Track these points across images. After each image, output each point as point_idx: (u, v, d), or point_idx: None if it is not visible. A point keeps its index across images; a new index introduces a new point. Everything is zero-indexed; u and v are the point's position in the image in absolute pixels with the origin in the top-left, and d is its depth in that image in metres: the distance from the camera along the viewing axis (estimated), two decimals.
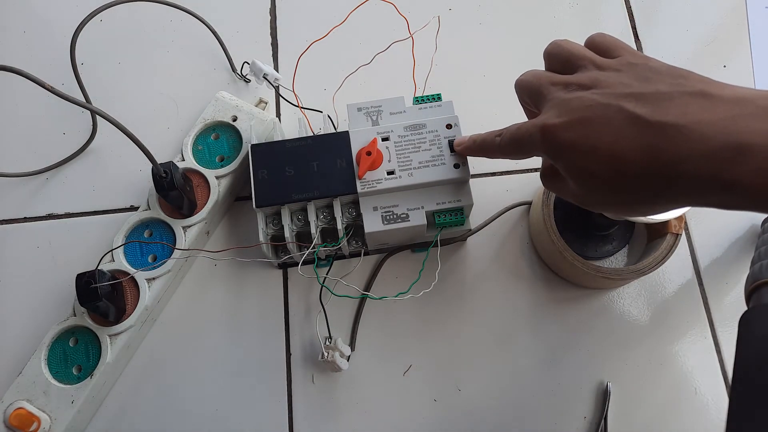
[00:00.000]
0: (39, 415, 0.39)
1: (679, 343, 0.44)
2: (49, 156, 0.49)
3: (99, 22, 0.48)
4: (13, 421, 0.38)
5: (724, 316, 0.45)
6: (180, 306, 0.45)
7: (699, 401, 0.43)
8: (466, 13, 0.54)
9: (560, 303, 0.45)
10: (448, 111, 0.42)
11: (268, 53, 0.53)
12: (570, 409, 0.43)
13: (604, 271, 0.41)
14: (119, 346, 0.41)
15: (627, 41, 0.53)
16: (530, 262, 0.46)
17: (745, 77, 0.52)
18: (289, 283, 0.46)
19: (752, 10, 0.54)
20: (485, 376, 0.43)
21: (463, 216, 0.40)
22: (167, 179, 0.40)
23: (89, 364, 0.41)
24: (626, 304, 0.45)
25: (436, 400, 0.43)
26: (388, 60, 0.46)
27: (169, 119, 0.51)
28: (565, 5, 0.55)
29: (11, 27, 0.55)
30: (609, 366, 0.44)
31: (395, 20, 0.46)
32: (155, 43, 0.54)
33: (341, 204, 0.41)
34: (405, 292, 0.43)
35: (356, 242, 0.43)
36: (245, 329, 0.45)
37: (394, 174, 0.40)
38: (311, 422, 0.43)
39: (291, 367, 0.44)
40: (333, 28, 0.45)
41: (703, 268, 0.46)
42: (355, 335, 0.44)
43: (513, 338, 0.44)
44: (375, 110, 0.42)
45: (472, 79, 0.52)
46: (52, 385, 0.40)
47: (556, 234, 0.42)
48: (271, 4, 0.55)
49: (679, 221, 0.42)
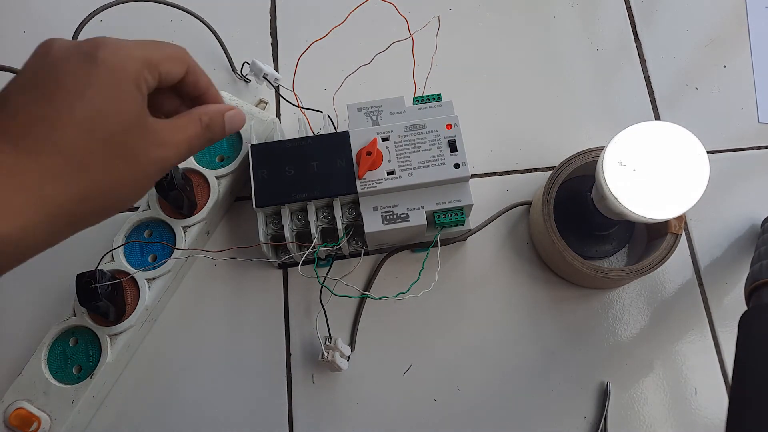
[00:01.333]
0: (39, 415, 0.39)
1: (679, 343, 0.44)
2: None
3: (99, 22, 0.48)
4: (13, 421, 0.38)
5: (724, 316, 0.45)
6: (180, 306, 0.45)
7: (699, 401, 0.43)
8: (466, 13, 0.54)
9: (560, 303, 0.45)
10: (448, 111, 0.42)
11: (268, 53, 0.53)
12: (570, 409, 0.43)
13: (604, 271, 0.41)
14: (119, 346, 0.41)
15: (627, 41, 0.53)
16: (530, 262, 0.46)
17: (745, 77, 0.52)
18: (289, 283, 0.46)
19: (752, 10, 0.54)
20: (485, 376, 0.43)
21: (463, 216, 0.40)
22: (167, 179, 0.40)
23: (89, 364, 0.41)
24: (626, 304, 0.45)
25: (436, 400, 0.43)
26: (388, 60, 0.46)
27: None
28: (565, 5, 0.55)
29: (11, 27, 0.55)
30: (609, 366, 0.44)
31: (395, 20, 0.46)
32: None
33: (341, 204, 0.41)
34: (405, 292, 0.43)
35: (356, 242, 0.43)
36: (245, 329, 0.45)
37: (394, 174, 0.40)
38: (311, 422, 0.43)
39: (291, 367, 0.44)
40: (333, 28, 0.45)
41: (703, 268, 0.46)
42: (355, 335, 0.44)
43: (513, 338, 0.44)
44: (375, 110, 0.42)
45: (472, 79, 0.52)
46: (52, 385, 0.40)
47: (556, 234, 0.42)
48: (271, 4, 0.55)
49: (679, 221, 0.42)
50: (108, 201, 0.26)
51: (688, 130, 0.37)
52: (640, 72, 0.52)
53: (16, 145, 0.23)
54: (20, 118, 0.24)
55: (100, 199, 0.26)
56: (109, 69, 0.25)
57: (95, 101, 0.25)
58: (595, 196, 0.40)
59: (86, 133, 0.25)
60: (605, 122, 0.50)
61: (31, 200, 0.23)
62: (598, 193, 0.38)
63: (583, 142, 0.49)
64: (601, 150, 0.39)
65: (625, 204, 0.36)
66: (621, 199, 0.36)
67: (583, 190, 0.43)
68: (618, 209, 0.37)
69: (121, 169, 0.26)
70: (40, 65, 0.26)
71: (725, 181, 0.48)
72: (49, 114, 0.24)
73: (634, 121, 0.38)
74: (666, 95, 0.51)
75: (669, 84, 0.52)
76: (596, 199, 0.40)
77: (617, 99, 0.52)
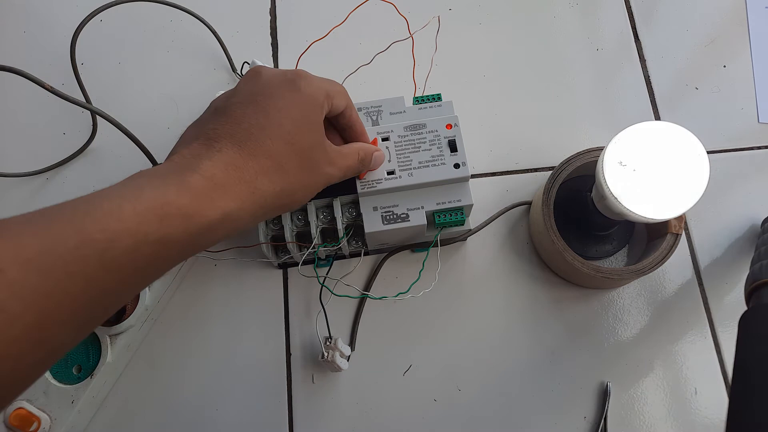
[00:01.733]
0: (39, 415, 0.39)
1: (679, 343, 0.44)
2: (49, 156, 0.49)
3: (99, 22, 0.48)
4: (13, 421, 0.38)
5: (724, 316, 0.45)
6: (180, 306, 0.45)
7: (699, 401, 0.43)
8: (466, 13, 0.54)
9: (560, 303, 0.45)
10: (448, 111, 0.42)
11: (268, 53, 0.53)
12: (570, 409, 0.43)
13: (604, 271, 0.41)
14: (119, 346, 0.41)
15: (627, 41, 0.53)
16: (530, 262, 0.46)
17: (745, 77, 0.52)
18: (289, 283, 0.46)
19: (752, 10, 0.54)
20: (485, 375, 0.43)
21: (463, 216, 0.40)
22: None
23: (89, 364, 0.41)
24: (626, 304, 0.45)
25: (436, 400, 0.43)
26: (388, 60, 0.46)
27: (169, 119, 0.51)
28: (565, 5, 0.55)
29: (11, 27, 0.55)
30: (609, 366, 0.44)
31: (395, 20, 0.46)
32: (155, 43, 0.54)
33: (341, 204, 0.41)
34: (405, 292, 0.43)
35: (356, 242, 0.43)
36: (245, 329, 0.45)
37: (394, 174, 0.40)
38: (311, 422, 0.43)
39: (291, 367, 0.44)
40: (333, 28, 0.45)
41: (703, 268, 0.46)
42: (355, 335, 0.44)
43: (513, 338, 0.44)
44: (375, 110, 0.42)
45: (472, 79, 0.52)
46: (52, 385, 0.40)
47: (556, 234, 0.42)
48: (271, 4, 0.55)
49: (679, 221, 0.42)
50: (293, 198, 0.32)
51: (688, 130, 0.37)
52: (640, 72, 0.52)
53: (241, 147, 0.29)
54: (244, 126, 0.30)
55: (288, 197, 0.32)
56: (306, 96, 0.32)
57: (296, 120, 0.31)
58: (595, 196, 0.40)
59: (288, 145, 0.31)
60: (605, 122, 0.50)
61: (248, 190, 0.29)
62: (598, 193, 0.38)
63: (583, 142, 0.49)
64: (601, 150, 0.39)
65: (625, 204, 0.36)
66: (621, 199, 0.36)
67: (583, 190, 0.43)
68: (618, 209, 0.37)
69: (306, 176, 0.32)
70: (253, 86, 0.32)
71: (725, 181, 0.48)
72: (265, 124, 0.30)
73: (634, 121, 0.38)
74: (666, 95, 0.51)
75: (669, 84, 0.52)
76: (596, 199, 0.40)
77: (617, 99, 0.52)
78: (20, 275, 0.21)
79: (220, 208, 0.28)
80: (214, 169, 0.28)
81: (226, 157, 0.29)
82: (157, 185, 0.26)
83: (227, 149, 0.29)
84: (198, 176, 0.27)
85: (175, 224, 0.26)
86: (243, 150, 0.29)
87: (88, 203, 0.24)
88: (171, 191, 0.26)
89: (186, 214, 0.26)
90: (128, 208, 0.24)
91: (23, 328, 0.21)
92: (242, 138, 0.30)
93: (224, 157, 0.29)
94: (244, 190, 0.29)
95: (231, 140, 0.30)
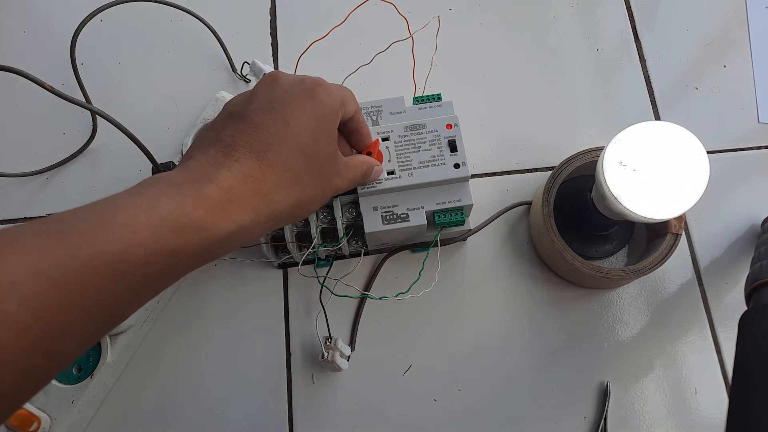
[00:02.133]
0: (39, 415, 0.39)
1: (679, 343, 0.44)
2: (49, 156, 0.49)
3: (99, 22, 0.48)
4: (13, 421, 0.38)
5: (724, 316, 0.45)
6: (180, 306, 0.45)
7: (699, 401, 0.43)
8: (466, 13, 0.54)
9: (560, 303, 0.45)
10: (448, 111, 0.42)
11: (268, 53, 0.53)
12: (570, 409, 0.43)
13: (604, 271, 0.41)
14: (119, 346, 0.41)
15: (627, 41, 0.53)
16: (530, 262, 0.46)
17: (745, 77, 0.52)
18: (289, 283, 0.46)
19: (752, 10, 0.54)
20: (485, 376, 0.43)
21: (463, 216, 0.40)
22: None
23: (89, 364, 0.41)
24: (626, 304, 0.45)
25: (436, 400, 0.43)
26: (388, 60, 0.46)
27: (169, 119, 0.51)
28: (565, 5, 0.55)
29: (11, 27, 0.55)
30: (609, 366, 0.44)
31: (395, 20, 0.46)
32: (155, 43, 0.54)
33: (341, 204, 0.41)
34: (405, 292, 0.43)
35: (356, 242, 0.43)
36: (245, 329, 0.45)
37: (394, 174, 0.40)
38: (311, 422, 0.43)
39: (291, 367, 0.44)
40: (333, 28, 0.45)
41: (703, 268, 0.46)
42: (355, 335, 0.44)
43: (513, 338, 0.44)
44: (375, 110, 0.42)
45: (472, 79, 0.52)
46: (52, 385, 0.40)
47: (556, 234, 0.42)
48: (271, 4, 0.55)
49: (679, 221, 0.42)
50: (304, 210, 0.32)
51: (688, 130, 0.37)
52: (640, 72, 0.52)
53: (260, 157, 0.29)
54: (263, 135, 0.29)
55: (301, 208, 0.31)
56: (325, 107, 0.31)
57: (314, 131, 0.31)
58: (595, 196, 0.40)
59: (305, 157, 0.30)
60: (605, 122, 0.51)
61: (264, 203, 0.29)
62: (598, 193, 0.38)
63: (583, 142, 0.49)
64: (601, 150, 0.39)
65: (625, 204, 0.36)
66: (621, 199, 0.36)
67: (583, 190, 0.43)
68: (618, 209, 0.37)
69: (318, 188, 0.32)
70: (271, 92, 0.31)
71: (725, 181, 0.48)
72: (284, 134, 0.30)
73: (634, 121, 0.38)
74: (666, 95, 0.51)
75: (669, 84, 0.52)
76: (596, 199, 0.40)
77: (617, 99, 0.52)
78: (32, 287, 0.21)
79: (235, 221, 0.27)
80: (232, 180, 0.27)
81: (245, 168, 0.28)
82: (173, 196, 0.26)
83: (245, 159, 0.28)
84: (215, 187, 0.27)
85: (189, 236, 0.25)
86: (261, 161, 0.29)
87: (101, 215, 0.24)
88: (187, 203, 0.26)
89: (201, 227, 0.26)
90: (143, 219, 0.24)
91: (33, 340, 0.21)
92: (261, 148, 0.29)
93: (242, 167, 0.28)
94: (260, 203, 0.28)
95: (249, 149, 0.29)
